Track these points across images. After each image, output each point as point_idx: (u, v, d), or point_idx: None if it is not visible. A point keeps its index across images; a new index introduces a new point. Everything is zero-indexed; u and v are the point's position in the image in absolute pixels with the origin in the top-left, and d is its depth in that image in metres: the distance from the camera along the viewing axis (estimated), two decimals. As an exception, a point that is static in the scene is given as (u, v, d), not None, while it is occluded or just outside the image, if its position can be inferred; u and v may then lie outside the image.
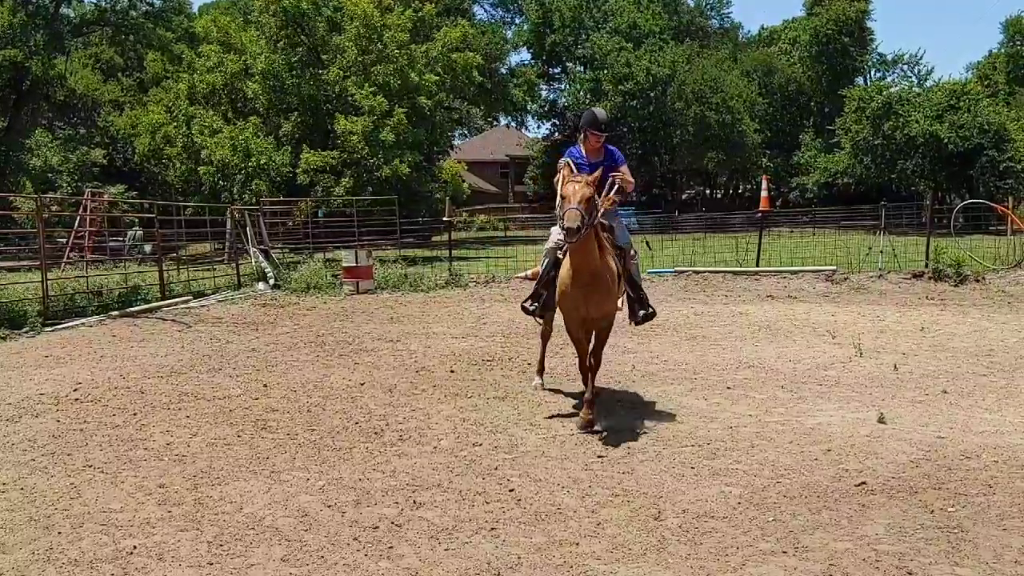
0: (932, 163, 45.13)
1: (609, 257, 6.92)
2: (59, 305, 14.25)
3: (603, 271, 6.77)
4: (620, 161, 7.50)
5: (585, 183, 6.47)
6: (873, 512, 4.93)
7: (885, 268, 18.39)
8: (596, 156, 7.42)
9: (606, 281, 6.80)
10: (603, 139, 7.44)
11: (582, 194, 6.35)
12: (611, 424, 6.93)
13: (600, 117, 7.48)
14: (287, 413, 7.61)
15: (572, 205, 6.27)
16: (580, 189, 6.39)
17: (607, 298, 6.90)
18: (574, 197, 6.33)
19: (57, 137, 45.01)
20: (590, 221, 6.38)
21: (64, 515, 5.17)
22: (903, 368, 9.09)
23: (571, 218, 6.19)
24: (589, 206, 6.38)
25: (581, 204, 6.28)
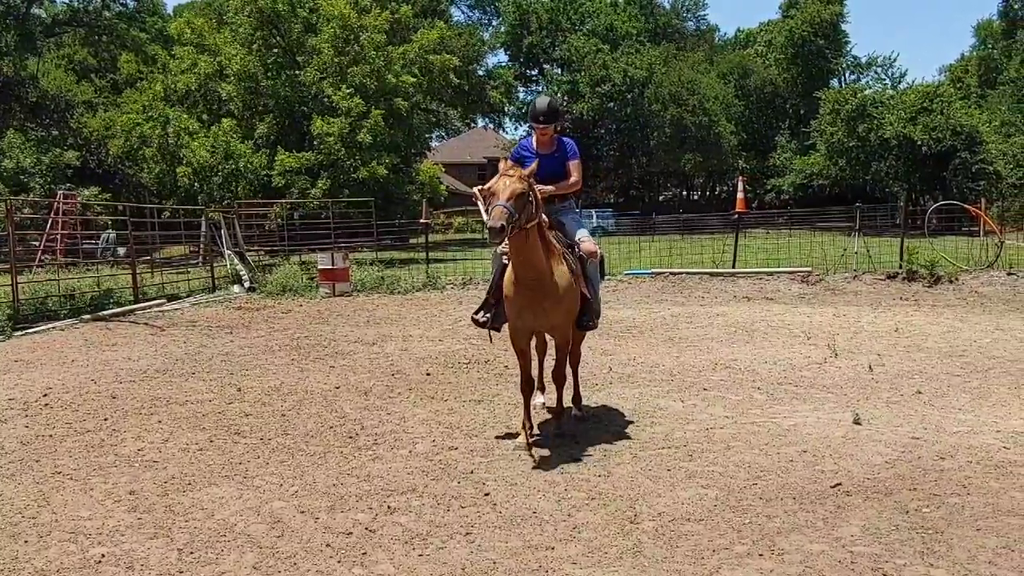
0: (906, 165, 45.54)
1: (560, 258, 6.26)
2: (30, 309, 14.06)
3: (549, 275, 6.08)
4: (571, 154, 6.84)
5: (518, 177, 5.81)
6: (848, 513, 4.94)
7: (860, 269, 18.51)
8: (547, 148, 6.82)
9: (554, 286, 6.10)
10: (551, 130, 6.80)
11: (512, 189, 5.68)
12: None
13: (539, 108, 6.79)
14: (261, 417, 7.53)
15: (500, 201, 5.62)
16: (511, 184, 5.73)
17: (556, 306, 6.16)
18: (503, 192, 5.68)
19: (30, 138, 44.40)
20: (522, 220, 5.73)
21: (31, 523, 5.08)
22: (878, 369, 9.13)
23: (496, 216, 5.54)
24: (520, 203, 5.69)
25: (510, 201, 5.62)
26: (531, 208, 5.85)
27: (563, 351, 6.62)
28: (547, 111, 6.75)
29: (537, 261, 6.01)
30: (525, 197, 5.77)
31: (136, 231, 19.70)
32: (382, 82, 32.77)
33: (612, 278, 19.03)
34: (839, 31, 62.39)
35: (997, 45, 61.71)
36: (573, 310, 6.43)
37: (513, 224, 5.63)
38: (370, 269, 20.08)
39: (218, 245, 22.01)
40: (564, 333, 6.50)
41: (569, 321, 6.47)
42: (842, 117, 47.24)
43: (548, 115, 6.76)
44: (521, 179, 5.81)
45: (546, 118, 6.75)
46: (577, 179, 6.86)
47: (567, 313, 6.36)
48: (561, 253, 6.34)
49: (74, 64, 51.94)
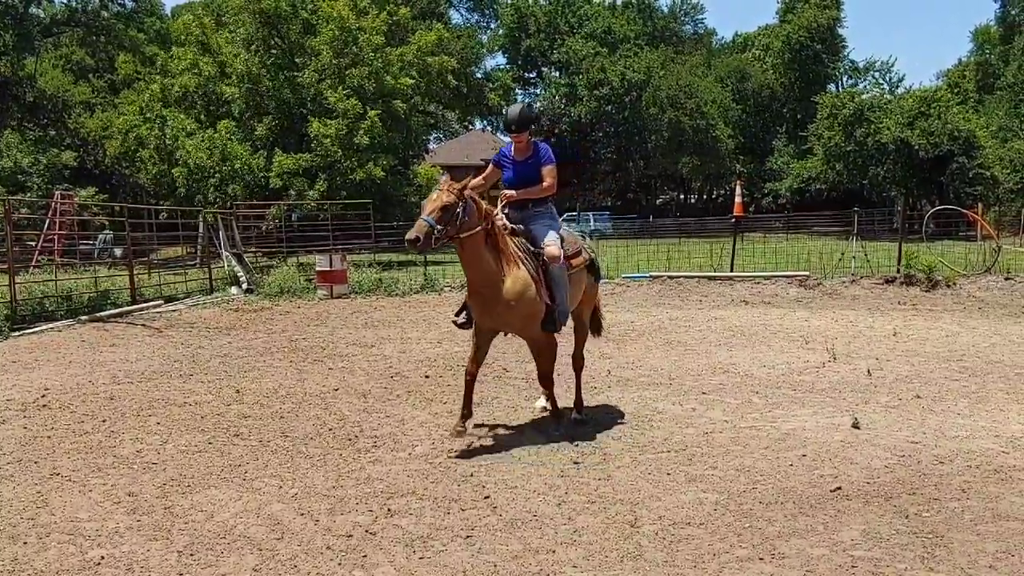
0: (903, 169, 45.62)
1: (517, 264, 6.45)
2: (27, 309, 14.03)
3: (500, 280, 6.34)
4: (545, 160, 6.92)
5: (447, 190, 6.14)
6: (848, 518, 4.94)
7: (858, 273, 18.53)
8: (523, 154, 6.96)
9: (506, 291, 6.34)
10: (525, 137, 6.90)
11: (435, 204, 6.07)
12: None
13: (510, 117, 6.95)
14: (260, 419, 7.52)
15: (423, 215, 6.07)
16: (438, 198, 6.11)
17: (508, 310, 6.41)
18: (427, 207, 6.12)
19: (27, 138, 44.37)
20: (450, 230, 6.10)
21: (30, 524, 5.06)
22: (876, 373, 9.14)
23: (415, 228, 5.99)
24: (446, 215, 6.06)
25: (432, 214, 6.01)
26: (461, 219, 6.16)
27: (534, 352, 6.81)
28: (518, 120, 6.88)
29: (485, 267, 6.35)
30: (451, 210, 6.09)
31: (133, 232, 19.66)
32: (380, 84, 32.74)
33: (609, 281, 19.04)
34: (836, 36, 62.53)
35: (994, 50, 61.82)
36: (531, 314, 6.52)
37: (434, 236, 6.00)
38: (368, 271, 20.07)
39: (216, 246, 21.99)
40: (529, 335, 6.71)
41: (529, 324, 6.60)
42: (839, 121, 47.33)
43: (519, 123, 6.87)
44: (450, 192, 6.13)
45: (517, 127, 6.88)
46: (550, 183, 6.89)
47: (524, 317, 6.52)
48: (520, 258, 6.53)
49: (72, 64, 51.87)
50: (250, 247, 25.10)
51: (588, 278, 7.34)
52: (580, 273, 7.08)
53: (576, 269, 7.00)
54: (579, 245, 7.15)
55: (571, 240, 7.11)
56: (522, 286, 6.40)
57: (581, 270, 7.10)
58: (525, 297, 6.42)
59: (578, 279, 7.06)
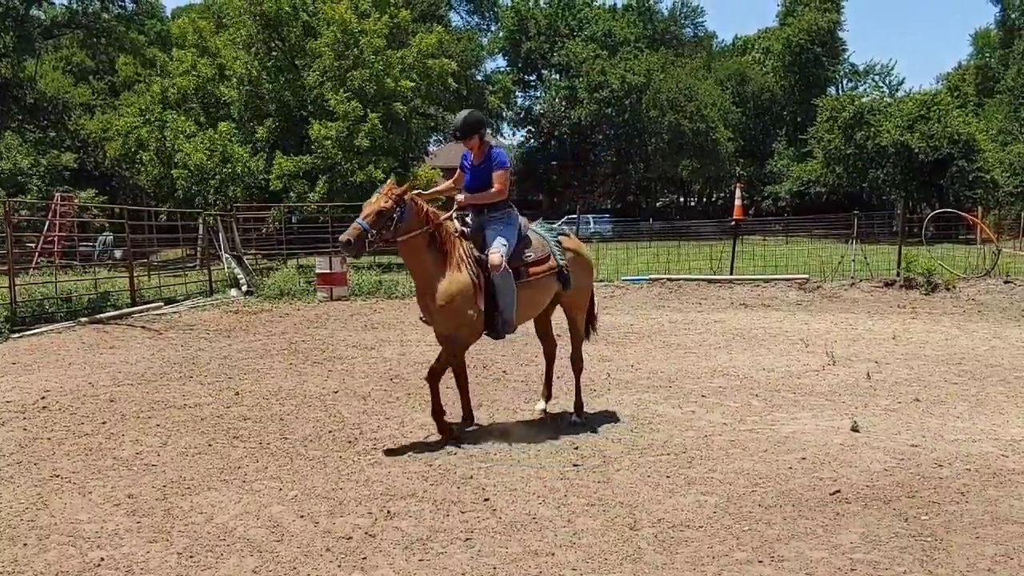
0: (903, 172, 45.62)
1: (458, 267, 6.57)
2: (27, 311, 14.03)
3: (435, 282, 6.53)
4: (496, 165, 6.94)
5: (385, 195, 6.41)
6: (848, 521, 4.95)
7: (857, 276, 18.54)
8: (479, 160, 7.00)
9: (439, 292, 6.51)
10: (474, 143, 6.94)
11: (372, 208, 6.36)
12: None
13: (455, 124, 7.06)
14: (259, 422, 7.52)
15: (358, 219, 6.34)
16: (374, 203, 6.40)
17: (439, 311, 6.58)
18: (363, 211, 6.39)
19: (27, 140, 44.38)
20: (386, 234, 6.40)
21: (30, 526, 5.07)
22: (876, 376, 9.14)
23: (348, 231, 6.28)
24: (381, 219, 6.33)
25: (368, 218, 6.30)
26: (397, 223, 6.42)
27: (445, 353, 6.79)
28: (461, 126, 6.95)
29: (424, 268, 6.60)
30: (387, 214, 6.36)
31: (133, 234, 19.66)
32: (381, 86, 32.75)
33: (609, 284, 19.05)
34: (836, 39, 62.56)
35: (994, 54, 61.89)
36: (458, 316, 6.59)
37: (368, 239, 6.30)
38: (368, 273, 20.07)
39: (216, 248, 22.00)
40: (451, 337, 6.75)
41: (455, 326, 6.67)
42: (839, 124, 47.36)
43: (462, 130, 6.94)
44: (388, 198, 6.40)
45: (461, 133, 6.95)
46: (498, 189, 6.87)
47: (451, 318, 6.61)
48: (463, 262, 6.62)
49: (72, 66, 51.88)
50: (250, 249, 25.11)
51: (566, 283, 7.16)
52: (543, 280, 6.98)
53: (537, 277, 6.92)
54: (546, 252, 7.03)
55: (538, 246, 7.03)
56: (456, 288, 6.52)
57: (545, 277, 6.99)
58: (456, 299, 6.53)
59: (540, 286, 6.99)
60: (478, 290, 6.58)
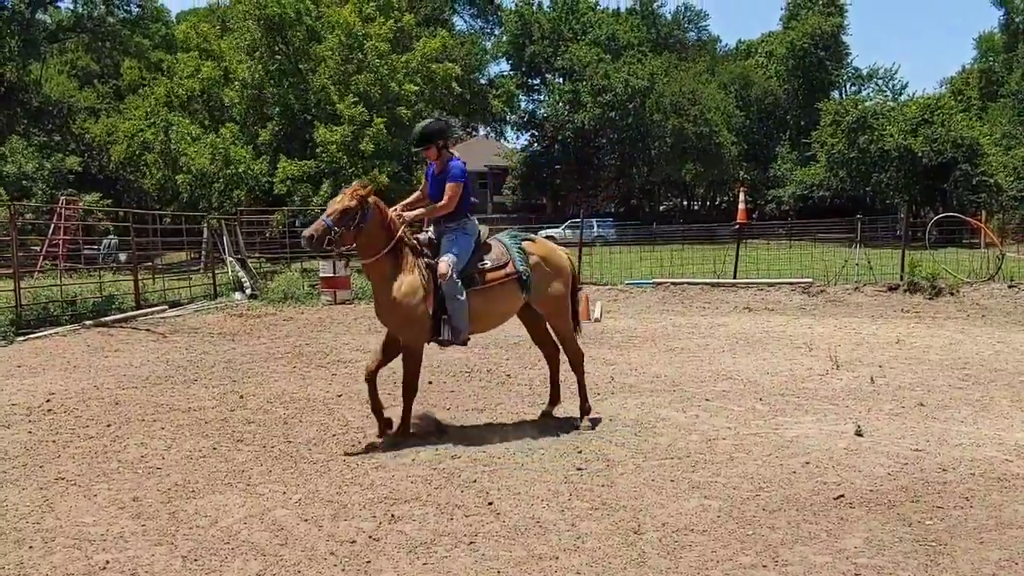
0: (906, 176, 45.55)
1: (410, 272, 6.75)
2: (32, 314, 14.06)
3: (386, 284, 6.73)
4: (451, 177, 6.99)
5: (350, 195, 6.62)
6: (852, 525, 4.94)
7: (861, 281, 18.53)
8: (440, 168, 7.09)
9: (391, 294, 6.72)
10: (433, 153, 7.05)
11: (336, 207, 6.57)
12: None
13: (412, 135, 7.26)
14: (263, 425, 7.54)
15: (323, 216, 6.59)
16: (339, 202, 6.61)
17: (388, 313, 6.82)
18: (328, 209, 6.64)
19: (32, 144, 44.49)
20: (343, 233, 6.57)
21: (35, 529, 5.08)
22: (880, 381, 9.14)
23: (312, 227, 6.57)
24: (343, 218, 6.53)
25: (332, 216, 6.52)
26: (358, 223, 6.60)
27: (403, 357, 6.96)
28: (418, 136, 7.12)
29: (380, 271, 6.79)
30: (350, 213, 6.56)
31: (138, 237, 19.70)
32: (385, 90, 32.84)
33: (612, 288, 19.06)
34: (840, 43, 62.48)
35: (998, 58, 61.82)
36: (407, 318, 6.76)
37: (330, 236, 6.52)
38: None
39: (220, 252, 22.03)
40: (404, 340, 6.91)
41: (404, 328, 6.84)
42: (843, 128, 47.29)
43: (419, 140, 7.11)
44: (353, 197, 6.59)
45: (417, 142, 7.13)
46: (445, 203, 6.95)
47: (401, 321, 6.80)
48: (416, 268, 6.81)
49: (77, 70, 52.04)
50: (254, 253, 25.14)
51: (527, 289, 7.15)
52: (500, 288, 7.04)
53: (492, 284, 7.00)
54: (504, 259, 7.09)
55: (497, 254, 7.11)
56: (405, 291, 6.70)
57: (502, 285, 7.05)
58: (405, 302, 6.70)
59: (497, 294, 7.05)
60: (428, 294, 6.75)
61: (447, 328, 6.84)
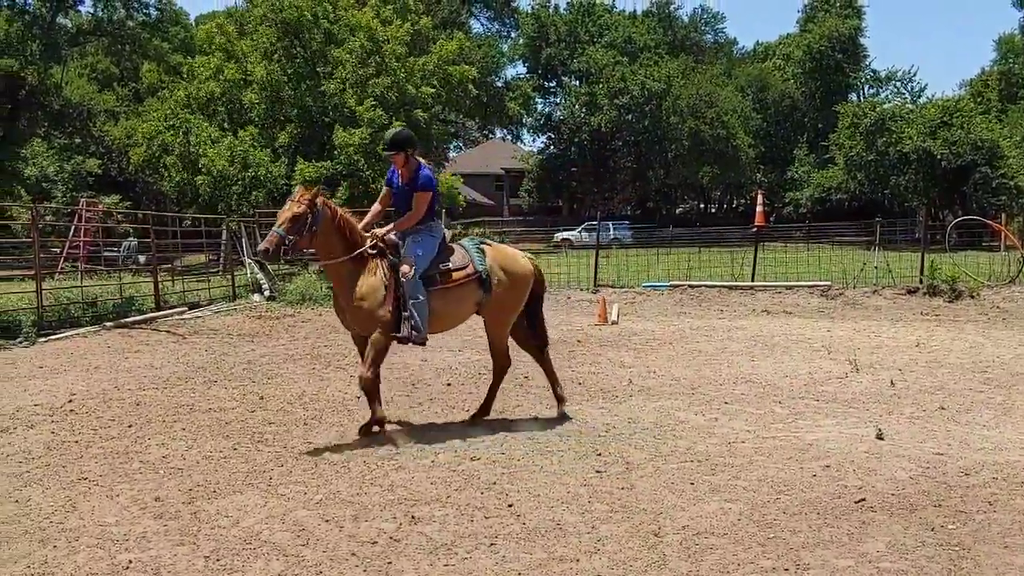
0: (925, 179, 45.26)
1: (372, 273, 6.91)
2: (54, 315, 14.18)
3: (349, 288, 6.89)
4: (420, 186, 7.17)
5: (298, 201, 6.70)
6: (874, 529, 4.92)
7: (880, 284, 18.43)
8: (405, 179, 7.27)
9: (351, 299, 6.88)
10: (401, 159, 7.20)
11: (286, 215, 6.66)
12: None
13: (385, 137, 7.46)
14: (283, 426, 7.58)
15: (274, 227, 6.68)
16: (288, 210, 6.70)
17: (353, 311, 6.95)
18: (278, 219, 6.72)
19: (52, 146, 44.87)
20: (297, 240, 6.69)
21: (59, 528, 5.12)
22: (900, 384, 9.09)
23: (267, 240, 6.68)
24: (294, 226, 6.63)
25: (283, 225, 6.62)
26: (310, 228, 6.72)
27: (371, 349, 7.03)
28: (390, 141, 7.29)
29: (341, 273, 6.97)
30: (301, 219, 6.67)
31: (157, 239, 19.83)
32: (402, 93, 32.94)
33: (629, 290, 19.03)
34: (858, 45, 62.13)
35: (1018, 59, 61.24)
36: (370, 316, 6.89)
37: (285, 246, 6.65)
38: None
39: (238, 254, 22.14)
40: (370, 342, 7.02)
41: (368, 325, 6.96)
42: (861, 131, 47.02)
43: (390, 145, 7.25)
44: (300, 203, 6.69)
45: (390, 146, 7.25)
46: (415, 212, 7.13)
47: (363, 318, 6.93)
48: (378, 268, 6.95)
49: (97, 73, 52.46)
50: (272, 254, 25.18)
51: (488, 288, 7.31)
52: (461, 287, 7.21)
53: (453, 284, 7.17)
54: (465, 261, 7.26)
55: (458, 256, 7.29)
56: (366, 290, 6.87)
57: (461, 285, 7.21)
58: (367, 300, 6.86)
59: (458, 294, 7.22)
60: (389, 293, 6.87)
61: (407, 326, 6.96)
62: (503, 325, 7.64)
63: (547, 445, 6.76)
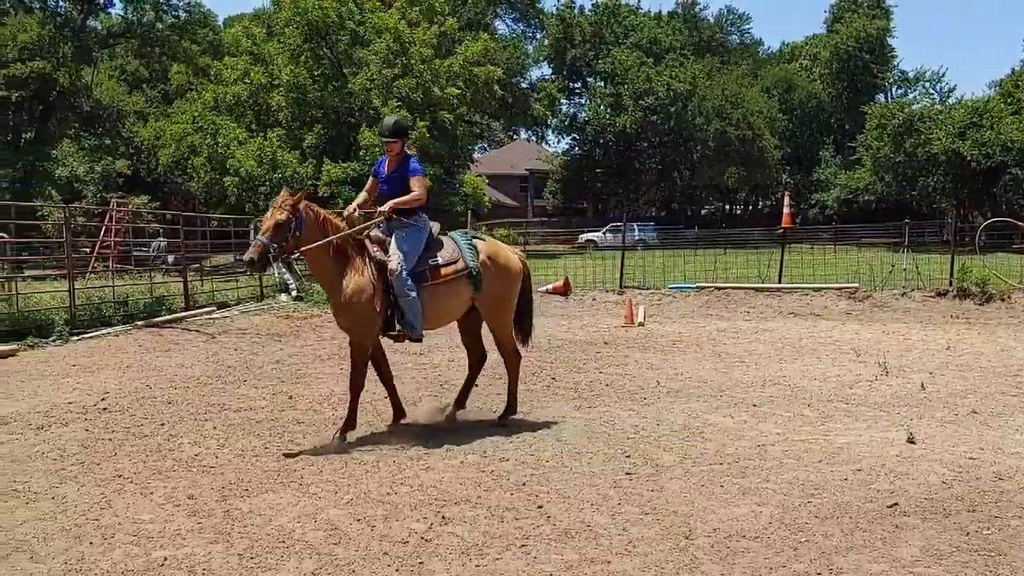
0: (954, 181, 44.83)
1: (358, 271, 6.88)
2: (86, 314, 14.33)
3: (338, 285, 6.87)
4: (411, 172, 7.21)
5: (280, 207, 6.63)
6: (907, 534, 4.88)
7: (909, 286, 18.26)
8: (393, 166, 7.28)
9: (341, 295, 6.86)
10: (397, 147, 7.24)
11: (269, 223, 6.60)
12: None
13: (385, 123, 7.43)
14: (313, 425, 7.64)
15: (258, 236, 6.65)
16: (271, 217, 6.64)
17: (340, 312, 7.01)
18: (262, 228, 6.67)
19: (83, 147, 45.39)
20: (282, 247, 6.68)
21: (95, 525, 5.19)
22: (930, 387, 9.01)
23: (251, 249, 6.61)
24: (279, 233, 6.58)
25: (267, 233, 6.57)
26: (295, 233, 6.69)
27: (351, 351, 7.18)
28: (392, 128, 7.30)
29: (328, 274, 6.97)
30: (285, 226, 6.61)
31: (186, 239, 20.00)
32: (428, 95, 33.04)
33: (655, 292, 18.98)
34: (886, 46, 61.61)
35: (1050, 59, 60.53)
36: (359, 316, 6.91)
37: (271, 254, 6.62)
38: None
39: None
40: (352, 336, 7.15)
41: (353, 327, 7.04)
42: (889, 132, 46.61)
43: (393, 132, 7.27)
44: (282, 210, 6.61)
45: (391, 133, 7.26)
46: (418, 193, 7.14)
47: (352, 319, 6.97)
48: (365, 267, 6.92)
49: (126, 75, 52.96)
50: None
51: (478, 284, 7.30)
52: (451, 283, 7.20)
53: (443, 279, 7.16)
54: (455, 256, 7.25)
55: (448, 251, 7.28)
56: (353, 291, 6.84)
57: (451, 281, 7.20)
58: (355, 301, 6.83)
59: (448, 289, 7.21)
60: (376, 291, 6.85)
61: (400, 323, 6.96)
62: (504, 319, 7.66)
63: (576, 446, 6.77)
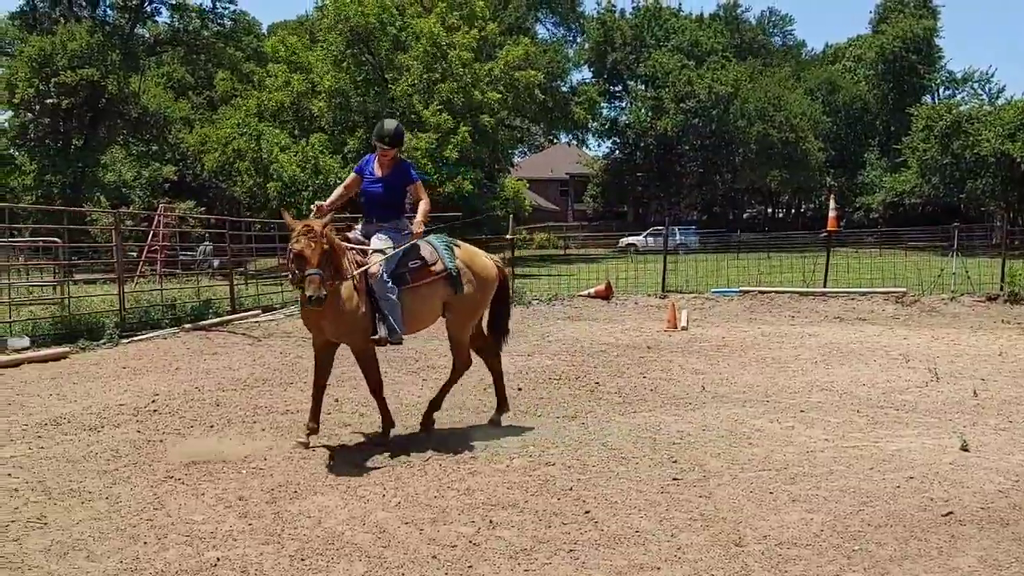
0: (1003, 183, 43.99)
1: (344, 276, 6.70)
2: (135, 317, 14.60)
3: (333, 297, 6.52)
4: (412, 178, 7.20)
5: (317, 235, 6.26)
6: (963, 543, 4.79)
7: (958, 291, 17.94)
8: (385, 171, 7.20)
9: (333, 308, 6.57)
10: (392, 153, 7.16)
11: (318, 253, 6.22)
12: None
13: (386, 129, 7.19)
14: (359, 428, 7.68)
15: (311, 269, 6.17)
16: (315, 247, 6.22)
17: (330, 321, 6.76)
18: (312, 258, 6.20)
19: (131, 153, 46.24)
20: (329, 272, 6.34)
21: (149, 525, 5.27)
22: (983, 394, 8.84)
23: (311, 287, 6.14)
24: (327, 259, 6.32)
25: (317, 265, 6.19)
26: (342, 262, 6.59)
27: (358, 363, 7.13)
28: (392, 133, 7.15)
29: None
30: (327, 253, 6.34)
31: (232, 243, 20.27)
32: (469, 99, 33.18)
33: (698, 296, 18.85)
34: (933, 46, 60.65)
35: (1102, 59, 59.20)
36: (350, 323, 6.81)
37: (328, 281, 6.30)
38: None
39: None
40: (351, 345, 7.06)
41: (348, 333, 6.91)
42: (936, 134, 45.88)
43: (393, 138, 7.14)
44: (317, 238, 6.26)
45: (391, 140, 7.13)
46: (427, 202, 7.31)
47: (343, 326, 6.83)
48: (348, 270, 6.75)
49: (173, 82, 53.90)
50: (341, 259, 25.53)
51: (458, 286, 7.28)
52: (430, 285, 7.18)
53: (422, 282, 7.13)
54: (434, 258, 7.21)
55: (427, 254, 7.23)
56: (345, 298, 6.70)
57: (430, 284, 7.18)
58: (344, 307, 6.70)
59: (428, 292, 7.18)
60: (361, 295, 6.80)
61: (383, 327, 6.89)
62: (466, 325, 7.64)
63: (622, 451, 6.74)
